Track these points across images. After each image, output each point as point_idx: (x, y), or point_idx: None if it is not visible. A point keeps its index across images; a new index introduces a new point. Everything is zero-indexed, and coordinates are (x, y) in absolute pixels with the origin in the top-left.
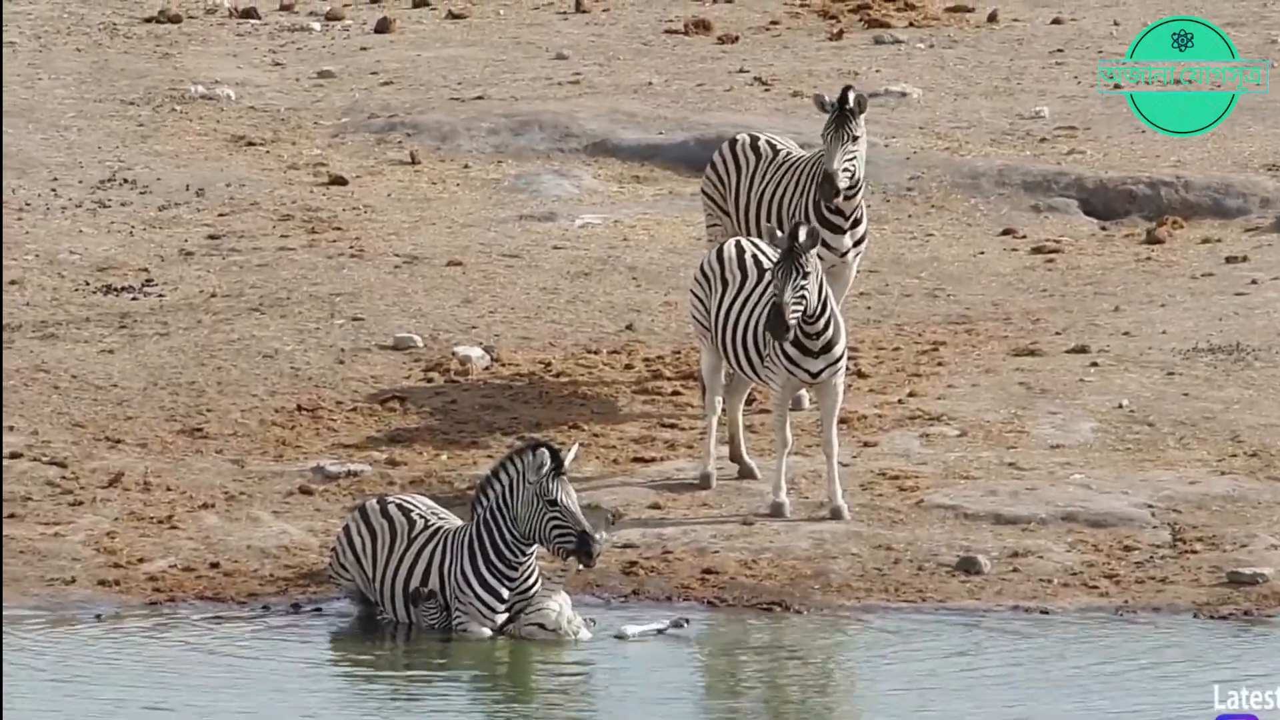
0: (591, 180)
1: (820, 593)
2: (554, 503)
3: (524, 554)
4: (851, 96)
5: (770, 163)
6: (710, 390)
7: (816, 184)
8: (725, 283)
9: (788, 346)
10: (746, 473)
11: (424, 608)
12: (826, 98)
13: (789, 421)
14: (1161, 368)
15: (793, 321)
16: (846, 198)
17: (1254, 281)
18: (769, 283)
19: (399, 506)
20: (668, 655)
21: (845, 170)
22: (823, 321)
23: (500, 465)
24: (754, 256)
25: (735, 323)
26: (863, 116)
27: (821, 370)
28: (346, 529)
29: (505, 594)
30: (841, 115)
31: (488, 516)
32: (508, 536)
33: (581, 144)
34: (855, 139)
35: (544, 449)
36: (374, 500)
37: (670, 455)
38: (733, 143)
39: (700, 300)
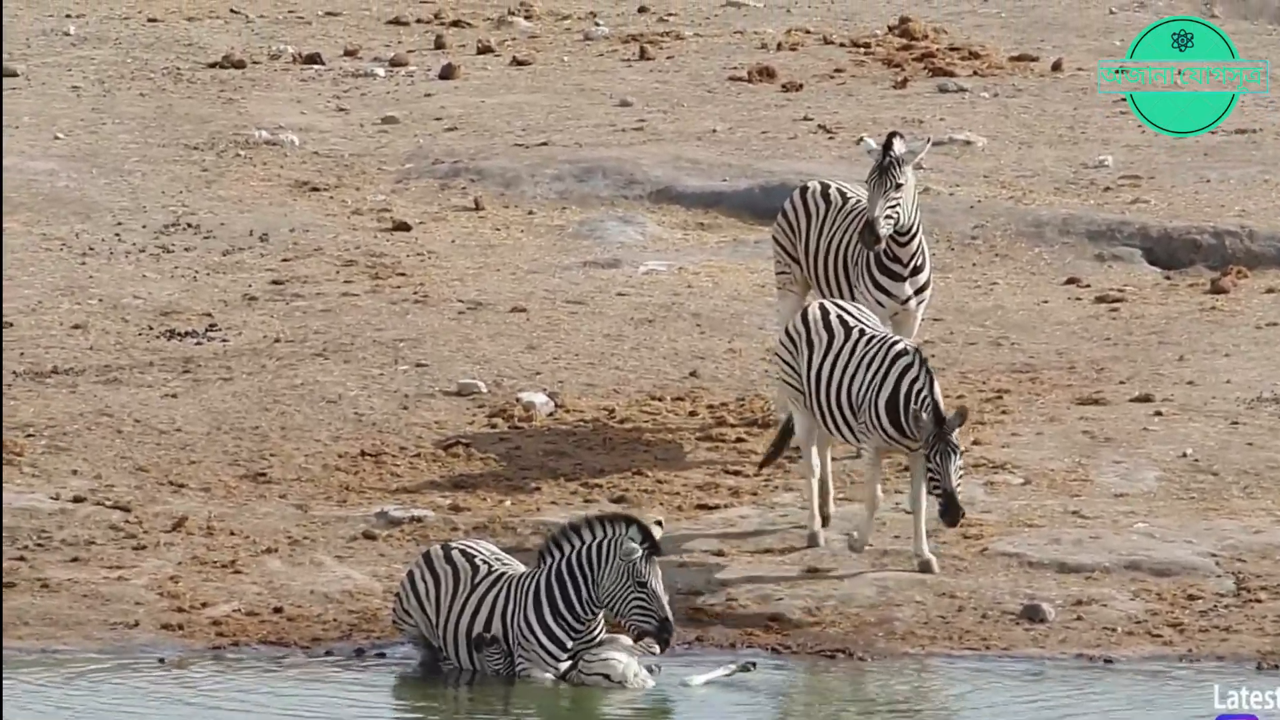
0: (655, 227)
1: (884, 640)
2: (644, 585)
3: (595, 613)
4: (897, 144)
5: (840, 210)
6: (806, 453)
7: (857, 232)
8: (811, 345)
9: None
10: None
11: (487, 653)
12: (873, 143)
13: (880, 481)
14: (1226, 417)
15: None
16: (901, 244)
17: None
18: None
19: (463, 552)
20: (732, 701)
21: (888, 218)
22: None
23: (586, 523)
24: (839, 317)
25: (828, 385)
26: (909, 165)
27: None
28: (410, 575)
29: (569, 644)
30: (885, 162)
31: (562, 568)
32: (584, 595)
33: (645, 191)
34: (899, 186)
35: (641, 527)
36: (438, 546)
37: (734, 502)
38: (803, 190)
39: (788, 364)
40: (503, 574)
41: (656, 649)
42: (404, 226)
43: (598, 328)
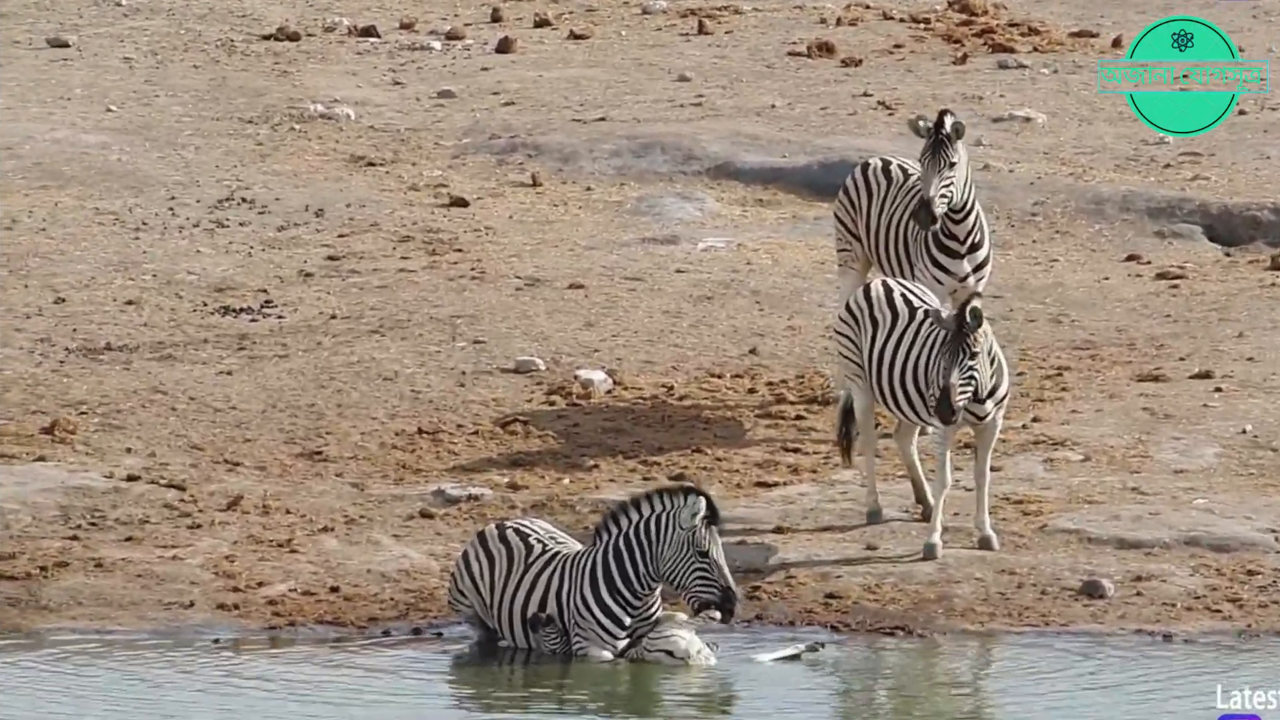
0: (714, 203)
1: (944, 617)
2: (705, 554)
3: (653, 588)
4: (948, 122)
5: (900, 187)
6: (864, 430)
7: (912, 212)
8: (875, 322)
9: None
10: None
11: (543, 633)
12: (923, 123)
13: (950, 461)
14: None
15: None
16: (956, 221)
17: None
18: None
19: (517, 531)
20: (795, 679)
21: (942, 196)
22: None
23: (645, 497)
24: (903, 296)
25: (891, 365)
26: (960, 141)
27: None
28: (465, 554)
29: (627, 621)
30: (938, 141)
31: (619, 543)
32: (642, 570)
33: (704, 167)
34: (953, 165)
35: (702, 497)
36: (493, 525)
37: (794, 480)
38: (864, 167)
39: (849, 339)
40: (557, 553)
41: (718, 619)
42: (461, 202)
43: (656, 305)
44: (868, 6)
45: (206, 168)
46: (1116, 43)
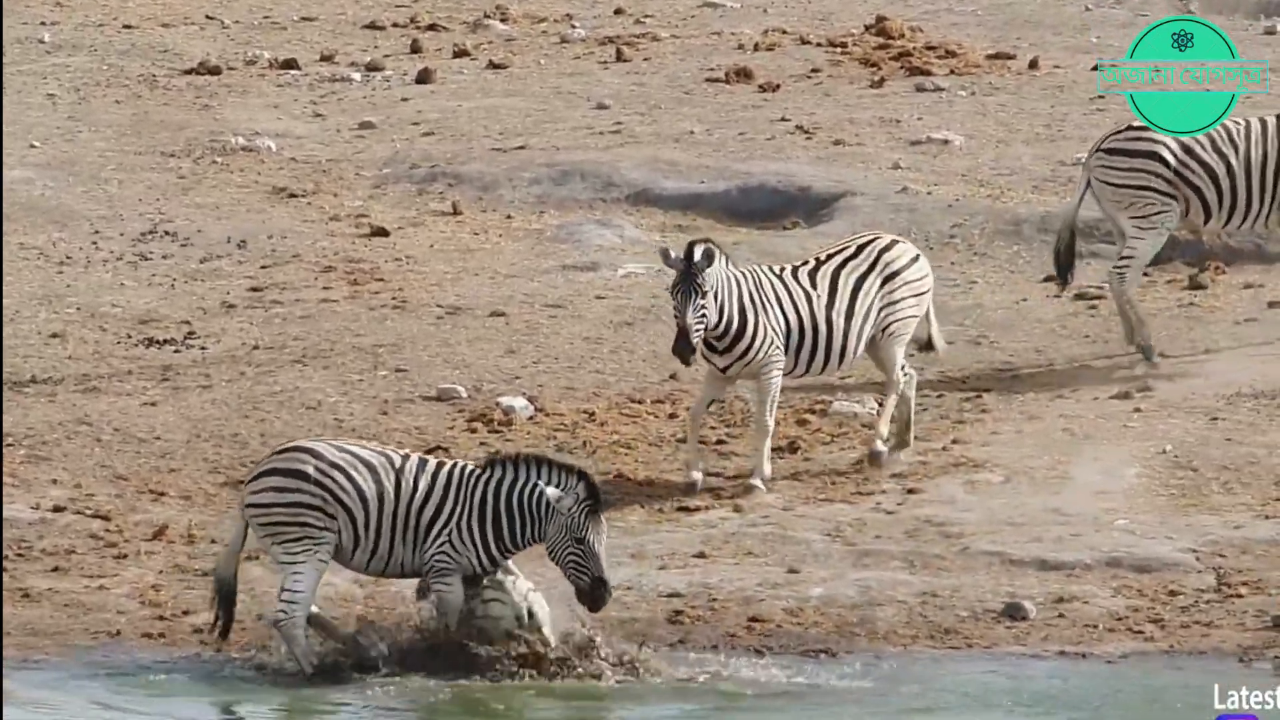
0: (634, 230)
1: (866, 639)
2: (581, 540)
3: (531, 545)
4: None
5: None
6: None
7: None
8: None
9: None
10: None
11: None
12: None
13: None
14: (1205, 413)
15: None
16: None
17: None
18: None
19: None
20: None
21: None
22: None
23: (534, 462)
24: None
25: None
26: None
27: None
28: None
29: (500, 561)
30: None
31: (511, 497)
32: (528, 535)
33: (623, 193)
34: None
35: (582, 482)
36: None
37: (715, 505)
38: None
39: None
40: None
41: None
42: (382, 232)
43: (577, 331)
44: (785, 32)
45: (129, 201)
46: (1033, 64)
